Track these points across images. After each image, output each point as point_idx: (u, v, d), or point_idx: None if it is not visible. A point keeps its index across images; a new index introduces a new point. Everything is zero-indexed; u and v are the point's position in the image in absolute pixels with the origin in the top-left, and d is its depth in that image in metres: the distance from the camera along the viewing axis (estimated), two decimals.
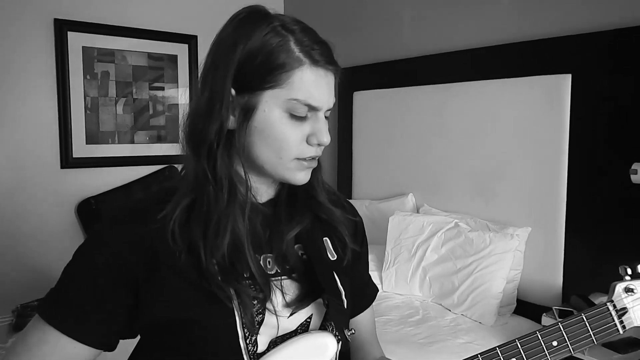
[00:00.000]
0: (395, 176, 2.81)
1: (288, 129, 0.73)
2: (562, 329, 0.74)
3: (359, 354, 0.94)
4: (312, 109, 0.73)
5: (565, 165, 2.04)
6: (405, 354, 1.78)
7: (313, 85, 0.72)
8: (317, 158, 0.78)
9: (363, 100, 2.92)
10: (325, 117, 0.77)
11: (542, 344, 0.74)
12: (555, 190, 2.07)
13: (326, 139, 0.75)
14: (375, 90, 2.86)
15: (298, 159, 0.75)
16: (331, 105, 0.76)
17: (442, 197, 2.55)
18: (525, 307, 2.16)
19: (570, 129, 2.02)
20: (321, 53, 0.73)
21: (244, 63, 0.71)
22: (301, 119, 0.73)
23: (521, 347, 0.74)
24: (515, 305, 2.17)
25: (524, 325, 2.07)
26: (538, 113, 2.12)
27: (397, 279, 2.35)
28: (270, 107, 0.72)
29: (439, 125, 2.53)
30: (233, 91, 0.72)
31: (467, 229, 2.25)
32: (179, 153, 0.80)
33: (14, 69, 2.67)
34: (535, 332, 0.74)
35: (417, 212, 2.61)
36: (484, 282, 2.08)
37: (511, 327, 2.04)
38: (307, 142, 0.75)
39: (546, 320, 1.84)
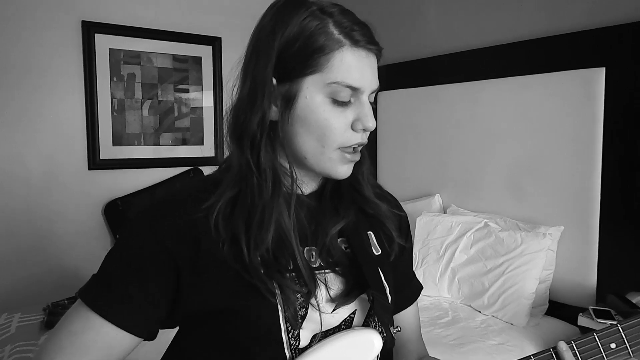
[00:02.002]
0: (421, 177, 2.77)
1: (331, 116, 0.71)
2: (621, 331, 0.71)
3: (402, 351, 0.92)
4: (355, 91, 0.71)
5: (599, 161, 1.99)
6: (437, 355, 1.74)
7: (354, 66, 0.70)
8: (359, 150, 0.76)
9: (387, 100, 2.89)
10: (370, 102, 0.75)
11: (600, 345, 0.71)
12: (589, 188, 2.02)
13: (371, 123, 0.73)
14: (400, 90, 2.83)
15: (342, 148, 0.73)
16: (375, 88, 0.74)
17: (470, 197, 2.51)
18: (558, 308, 2.12)
19: (605, 123, 1.97)
20: (362, 34, 0.71)
21: (284, 50, 0.70)
22: (344, 104, 0.71)
23: (577, 348, 0.71)
24: (547, 306, 2.12)
25: (558, 326, 2.02)
26: (571, 108, 2.07)
27: (425, 280, 2.32)
28: (312, 94, 0.71)
29: (466, 124, 2.49)
30: (274, 80, 0.71)
31: (498, 229, 2.21)
32: (203, 155, 0.80)
33: (43, 71, 2.71)
34: (592, 334, 0.72)
35: (444, 212, 2.58)
36: (515, 283, 2.04)
37: (544, 328, 2.00)
38: (352, 128, 0.73)
39: (582, 320, 1.79)
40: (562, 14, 2.16)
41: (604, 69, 1.97)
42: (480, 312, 2.13)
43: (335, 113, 0.71)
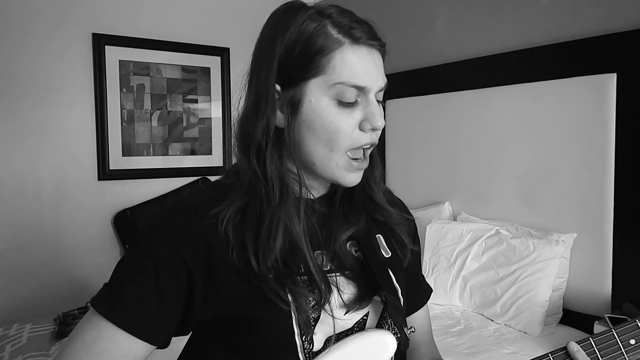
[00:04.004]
0: (430, 184, 2.76)
1: (338, 118, 0.70)
2: None
3: (414, 355, 0.91)
4: (361, 90, 0.70)
5: (611, 167, 1.96)
6: None
7: (357, 64, 0.69)
8: (368, 155, 0.75)
9: (396, 108, 2.89)
10: (378, 100, 0.73)
11: (619, 342, 0.69)
12: (602, 194, 1.99)
13: (380, 122, 0.72)
14: (409, 97, 2.83)
15: (351, 152, 0.72)
16: (382, 86, 0.73)
17: (481, 204, 2.49)
18: (573, 317, 2.08)
19: (617, 129, 1.94)
20: (362, 30, 0.70)
21: (285, 56, 0.70)
22: (351, 105, 0.70)
23: (596, 345, 0.69)
24: (561, 314, 2.08)
25: (573, 335, 1.98)
26: (582, 115, 2.05)
27: (436, 289, 2.29)
28: (317, 97, 0.70)
29: (476, 132, 2.48)
30: (278, 87, 0.71)
31: (509, 236, 2.19)
32: (211, 165, 0.79)
33: (54, 82, 2.75)
34: (610, 330, 0.70)
35: (455, 220, 2.55)
36: (528, 291, 2.00)
37: (559, 337, 1.96)
38: (360, 128, 0.72)
39: (598, 329, 1.76)
40: (572, 20, 2.15)
41: (615, 74, 1.95)
42: (492, 320, 2.10)
43: (342, 115, 0.70)
